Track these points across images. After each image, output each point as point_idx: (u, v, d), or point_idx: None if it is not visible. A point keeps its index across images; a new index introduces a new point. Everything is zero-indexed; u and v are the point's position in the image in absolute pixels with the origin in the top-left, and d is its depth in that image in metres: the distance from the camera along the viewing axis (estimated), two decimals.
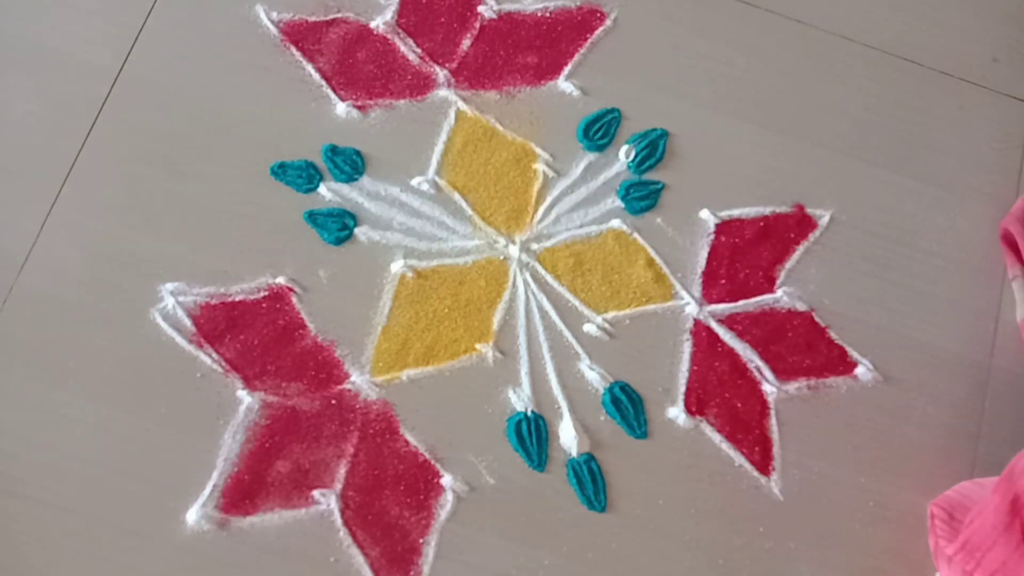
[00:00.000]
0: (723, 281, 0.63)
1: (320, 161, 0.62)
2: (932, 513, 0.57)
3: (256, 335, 0.57)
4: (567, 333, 0.60)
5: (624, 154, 0.65)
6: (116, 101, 0.61)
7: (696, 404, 0.59)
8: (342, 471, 0.55)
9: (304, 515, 0.54)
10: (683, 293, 0.62)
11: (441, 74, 0.65)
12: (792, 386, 0.61)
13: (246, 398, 0.56)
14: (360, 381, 0.57)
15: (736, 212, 0.64)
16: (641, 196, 0.64)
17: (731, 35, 0.69)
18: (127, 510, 0.53)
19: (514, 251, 0.62)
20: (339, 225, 0.60)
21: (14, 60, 0.62)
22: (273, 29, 0.65)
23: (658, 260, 0.62)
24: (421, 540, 0.54)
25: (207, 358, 0.56)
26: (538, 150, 0.64)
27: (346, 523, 0.54)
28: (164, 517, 0.53)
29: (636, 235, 0.63)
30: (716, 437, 0.59)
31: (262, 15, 0.65)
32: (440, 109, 0.64)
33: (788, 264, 0.64)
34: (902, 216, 0.65)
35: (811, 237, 0.64)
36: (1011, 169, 0.68)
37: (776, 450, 0.59)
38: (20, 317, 0.56)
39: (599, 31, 0.68)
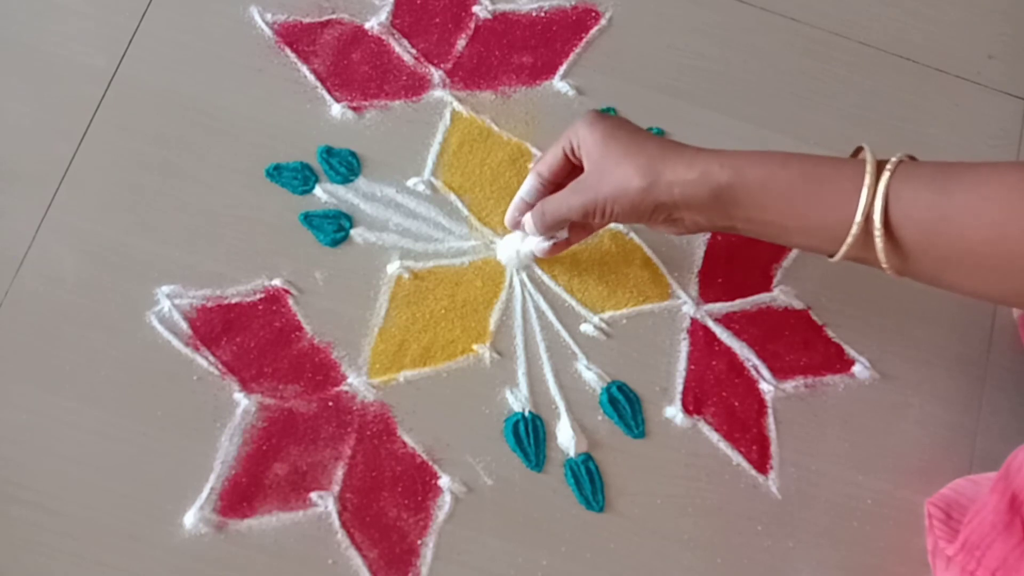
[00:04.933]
0: (720, 280, 0.63)
1: (315, 163, 0.62)
2: (929, 512, 0.57)
3: (253, 337, 0.57)
4: (564, 333, 0.60)
5: None
6: (111, 104, 0.61)
7: (693, 403, 0.59)
8: (340, 473, 0.55)
9: (302, 517, 0.54)
10: (680, 292, 0.62)
11: (436, 75, 0.65)
12: (789, 384, 0.61)
13: (243, 400, 0.56)
14: (357, 383, 0.57)
15: None
16: None
17: (726, 33, 0.69)
18: (124, 513, 0.53)
19: None
20: (335, 227, 0.60)
21: (7, 63, 0.62)
22: (267, 31, 0.65)
23: (655, 259, 0.62)
24: (419, 541, 0.54)
25: (203, 361, 0.56)
26: (534, 150, 0.64)
27: (344, 525, 0.54)
28: (161, 520, 0.53)
29: (632, 235, 0.63)
30: (714, 436, 0.59)
31: (256, 17, 0.65)
32: (435, 110, 0.64)
33: (785, 262, 0.64)
34: None
35: None
36: None
37: (774, 449, 0.59)
38: (16, 321, 0.56)
39: (594, 30, 0.68)
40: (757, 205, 0.47)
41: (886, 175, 0.44)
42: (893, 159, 0.45)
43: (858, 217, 0.44)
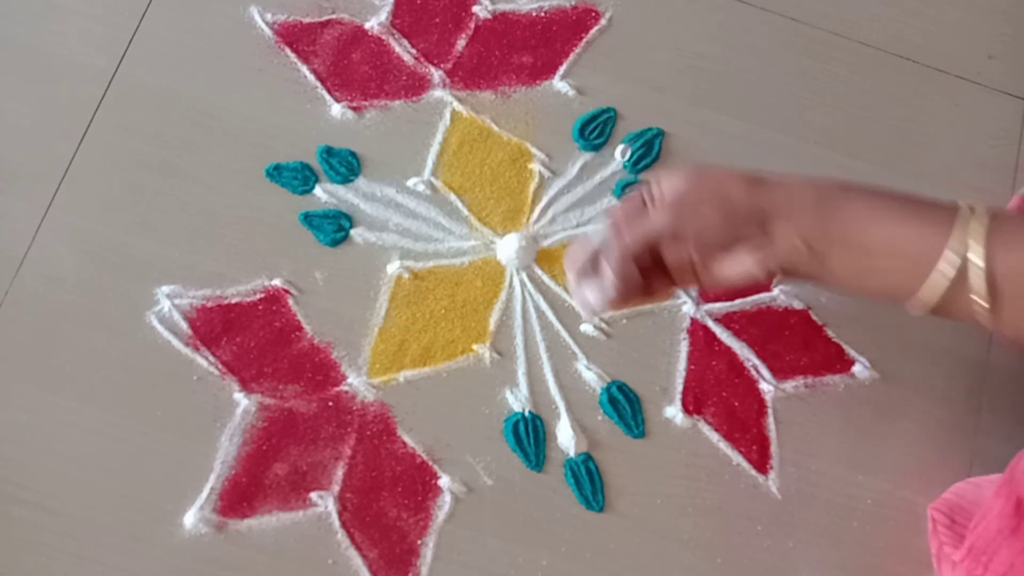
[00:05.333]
0: None
1: (315, 162, 0.62)
2: (933, 517, 0.57)
3: (253, 337, 0.57)
4: (564, 333, 0.60)
5: (620, 153, 0.65)
6: (111, 104, 0.61)
7: (693, 403, 0.59)
8: (340, 473, 0.55)
9: (302, 517, 0.54)
10: (680, 292, 0.62)
11: (436, 75, 0.65)
12: (789, 384, 0.61)
13: (243, 400, 0.56)
14: (357, 383, 0.57)
15: None
16: None
17: (726, 33, 0.69)
18: (124, 514, 0.53)
19: None
20: (335, 227, 0.60)
21: (7, 63, 0.62)
22: (267, 31, 0.65)
23: None
24: (419, 541, 0.54)
25: (203, 361, 0.56)
26: (534, 150, 0.64)
27: (344, 525, 0.54)
28: (161, 520, 0.53)
29: None
30: (714, 436, 0.59)
31: (256, 17, 0.65)
32: (435, 110, 0.64)
33: None
34: None
35: None
36: (1007, 166, 0.68)
37: (774, 449, 0.59)
38: (16, 321, 0.56)
39: (594, 30, 0.68)
40: (859, 218, 0.45)
41: (986, 214, 0.42)
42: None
43: (956, 245, 0.42)
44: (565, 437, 0.57)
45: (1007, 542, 0.48)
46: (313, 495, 0.54)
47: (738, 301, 0.62)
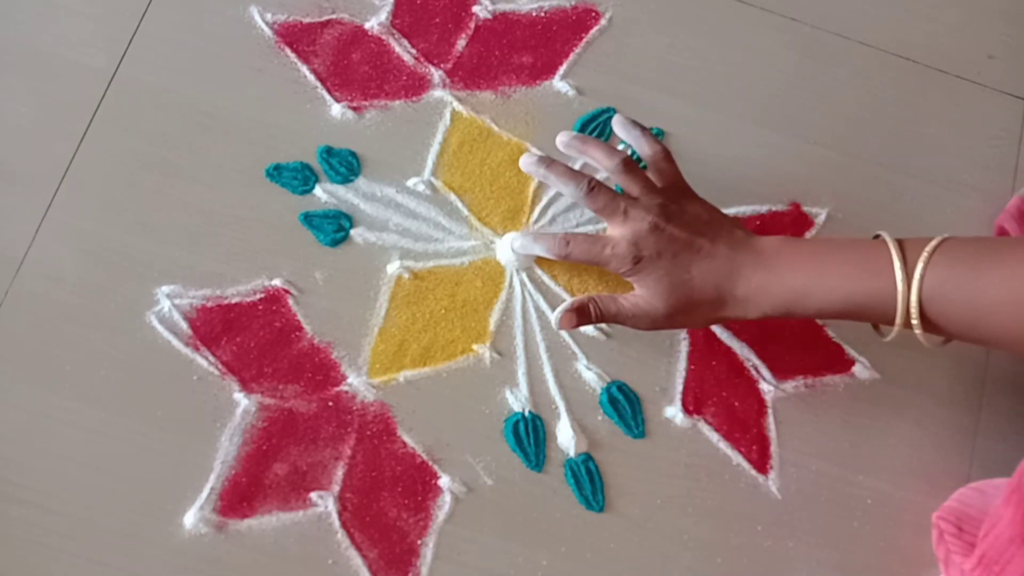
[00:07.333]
0: None
1: (315, 163, 0.62)
2: (939, 526, 0.56)
3: (253, 337, 0.57)
4: (564, 333, 0.60)
5: None
6: (111, 104, 0.61)
7: (693, 403, 0.59)
8: (340, 473, 0.55)
9: (302, 517, 0.54)
10: None
11: (436, 75, 0.65)
12: (790, 385, 0.61)
13: (243, 400, 0.56)
14: (357, 383, 0.57)
15: (732, 211, 0.64)
16: None
17: (726, 33, 0.69)
18: (124, 513, 0.53)
19: None
20: (335, 227, 0.60)
21: (7, 63, 0.62)
22: (267, 31, 0.65)
23: None
24: (419, 541, 0.54)
25: (203, 361, 0.56)
26: (534, 150, 0.64)
27: (344, 525, 0.54)
28: (161, 520, 0.53)
29: None
30: (714, 436, 0.59)
31: (256, 17, 0.65)
32: (435, 110, 0.64)
33: None
34: (898, 214, 0.65)
35: (808, 235, 0.64)
36: (1007, 166, 0.68)
37: (774, 449, 0.59)
38: (16, 320, 0.56)
39: (594, 30, 0.68)
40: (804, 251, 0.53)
41: (924, 257, 0.49)
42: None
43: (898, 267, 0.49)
44: (565, 437, 0.57)
45: (1020, 552, 0.48)
46: (313, 495, 0.54)
47: None
